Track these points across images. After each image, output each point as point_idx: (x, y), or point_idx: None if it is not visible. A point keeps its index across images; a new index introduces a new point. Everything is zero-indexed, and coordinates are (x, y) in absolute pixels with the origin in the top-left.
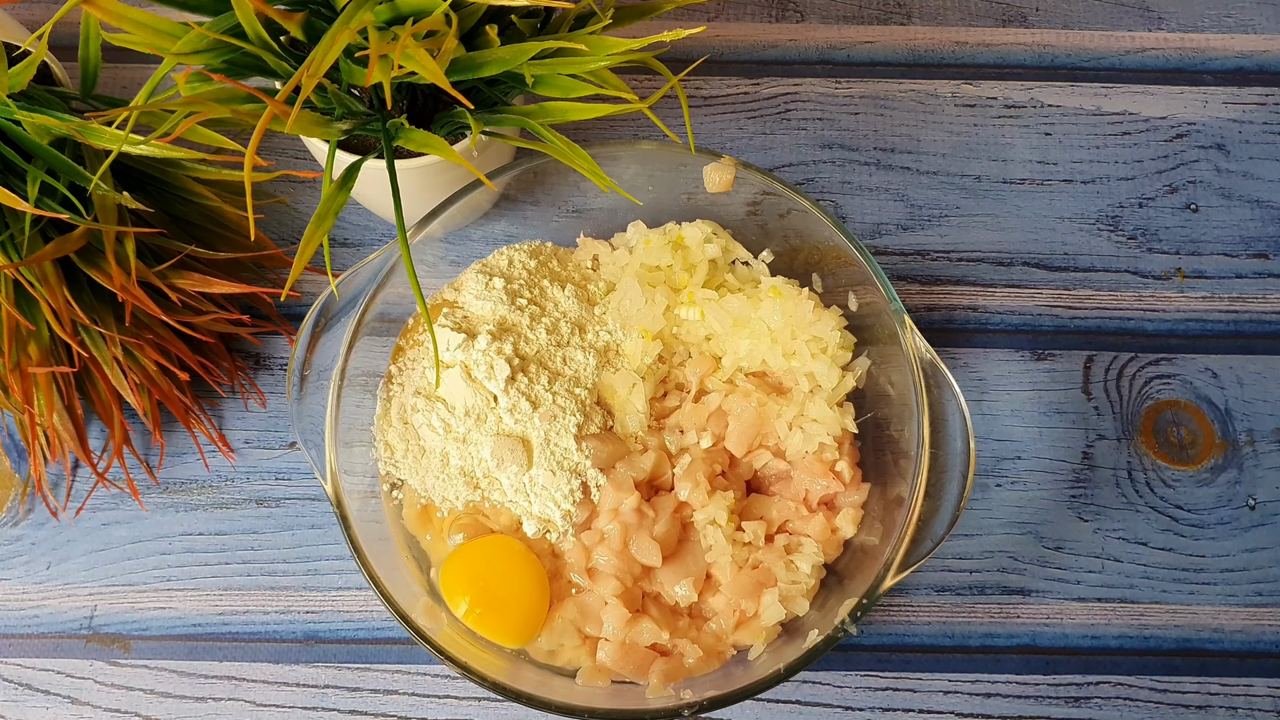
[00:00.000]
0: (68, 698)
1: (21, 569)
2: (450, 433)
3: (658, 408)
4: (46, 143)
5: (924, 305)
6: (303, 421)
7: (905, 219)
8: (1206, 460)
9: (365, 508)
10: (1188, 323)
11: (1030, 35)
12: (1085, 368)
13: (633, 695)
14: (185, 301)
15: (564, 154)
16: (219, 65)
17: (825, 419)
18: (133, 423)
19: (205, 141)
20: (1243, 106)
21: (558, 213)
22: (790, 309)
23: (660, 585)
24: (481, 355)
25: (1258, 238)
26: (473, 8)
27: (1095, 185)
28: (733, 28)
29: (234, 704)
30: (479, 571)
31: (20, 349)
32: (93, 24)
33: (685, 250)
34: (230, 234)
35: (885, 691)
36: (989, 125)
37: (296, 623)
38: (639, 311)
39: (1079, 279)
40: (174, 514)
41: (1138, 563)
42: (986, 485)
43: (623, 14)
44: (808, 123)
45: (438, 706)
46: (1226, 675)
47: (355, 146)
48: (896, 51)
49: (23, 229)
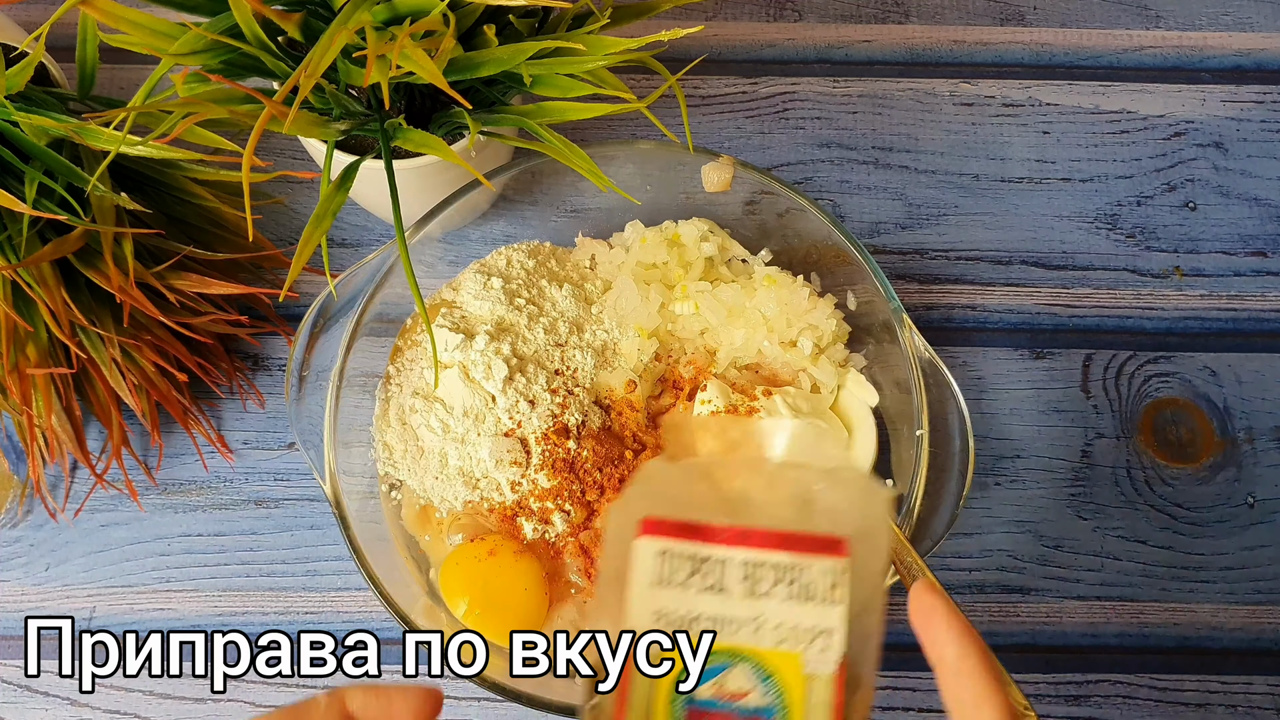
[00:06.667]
0: (67, 699)
1: (20, 570)
2: (449, 433)
3: (654, 406)
4: (44, 144)
5: (922, 304)
6: (301, 422)
7: (903, 218)
8: (1205, 458)
9: (364, 508)
10: (1186, 321)
11: (1028, 34)
12: (1084, 366)
13: None
14: (183, 302)
15: (562, 154)
16: (216, 66)
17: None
18: (131, 424)
19: (203, 142)
20: (1240, 105)
21: (556, 212)
22: (785, 297)
23: None
24: (479, 355)
25: (1256, 235)
26: (470, 8)
27: (1093, 184)
28: (730, 27)
29: (233, 704)
30: (478, 572)
31: (18, 350)
32: (90, 25)
33: (681, 248)
34: (228, 234)
35: (885, 690)
36: (987, 124)
37: (296, 623)
38: (634, 310)
39: (1077, 277)
40: (173, 515)
41: (1137, 561)
42: (985, 484)
43: (620, 13)
44: (806, 122)
45: None
46: (1226, 673)
47: (353, 147)
48: (894, 50)
49: (20, 230)
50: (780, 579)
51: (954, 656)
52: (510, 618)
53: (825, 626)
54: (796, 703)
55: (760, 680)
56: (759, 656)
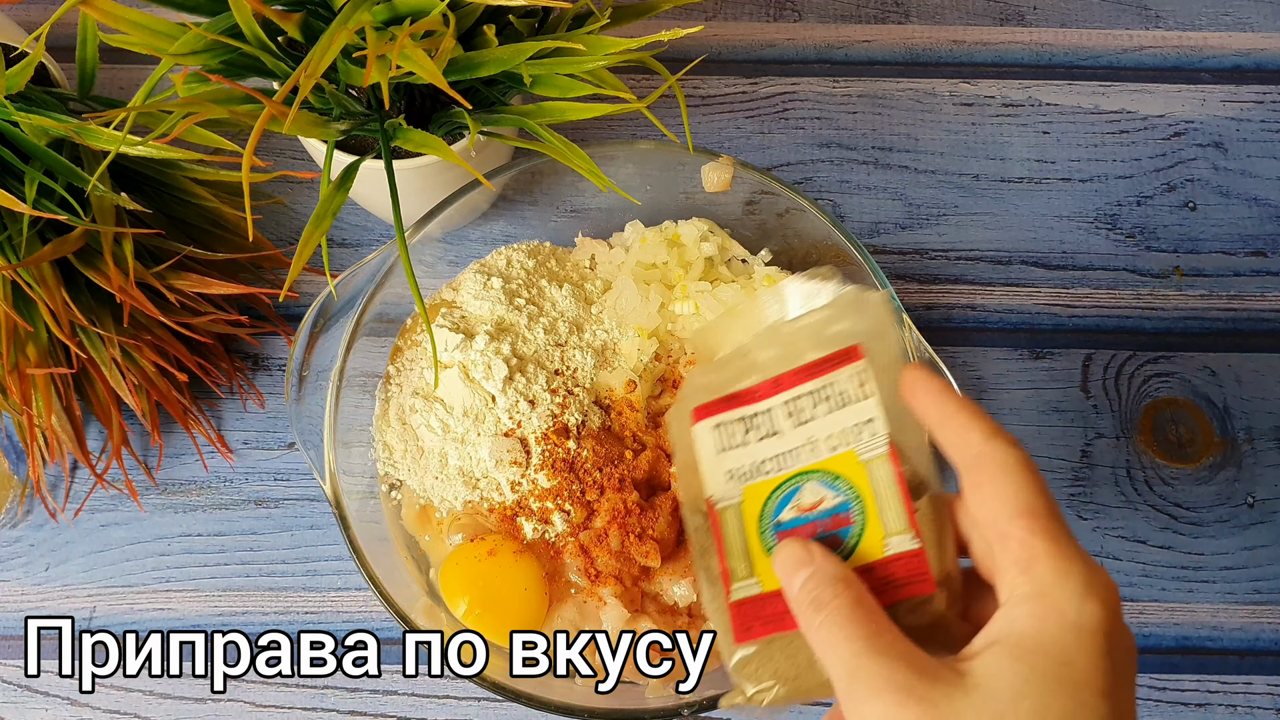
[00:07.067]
0: (67, 699)
1: (20, 570)
2: (449, 433)
3: (654, 406)
4: (44, 144)
5: (922, 304)
6: (301, 422)
7: (903, 218)
8: (1205, 458)
9: (364, 508)
10: (1186, 321)
11: (1028, 34)
12: (1084, 366)
13: (632, 695)
14: (183, 302)
15: (562, 154)
16: (216, 66)
17: None
18: (131, 424)
19: (203, 142)
20: (1240, 105)
21: (556, 213)
22: None
23: (659, 585)
24: (479, 355)
25: (1255, 236)
26: (470, 8)
27: (1093, 184)
28: (730, 27)
29: (233, 704)
30: (478, 572)
31: (18, 350)
32: (90, 25)
33: (681, 248)
34: (228, 235)
35: None
36: (987, 124)
37: (296, 623)
38: (635, 310)
39: (1077, 277)
40: (173, 515)
41: (1136, 561)
42: None
43: (620, 14)
44: (805, 122)
45: (437, 706)
46: (1225, 673)
47: (353, 147)
48: (894, 50)
49: (20, 230)
50: (818, 401)
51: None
52: (510, 618)
53: (865, 417)
54: (865, 488)
55: (828, 486)
56: (821, 468)
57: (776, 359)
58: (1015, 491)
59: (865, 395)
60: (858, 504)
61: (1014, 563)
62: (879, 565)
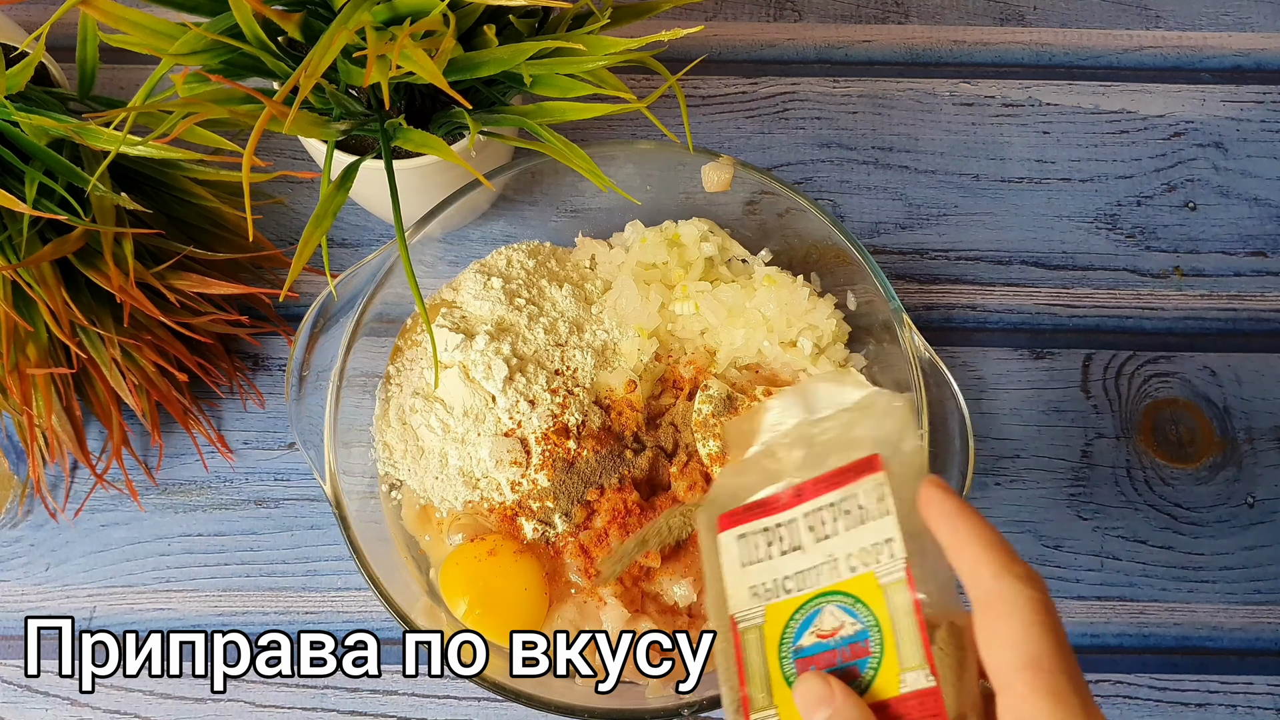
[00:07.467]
0: (67, 699)
1: (20, 570)
2: (449, 433)
3: (654, 406)
4: (44, 144)
5: (922, 304)
6: (301, 422)
7: (903, 218)
8: (1205, 458)
9: (364, 508)
10: (1186, 321)
11: (1028, 34)
12: (1084, 366)
13: (632, 695)
14: (183, 302)
15: (562, 154)
16: (217, 66)
17: None
18: (131, 424)
19: (203, 142)
20: (1240, 104)
21: (556, 213)
22: (785, 297)
23: (659, 585)
24: (479, 355)
25: (1256, 235)
26: (470, 8)
27: (1093, 184)
28: (730, 27)
29: (233, 704)
30: (478, 572)
31: (19, 350)
32: (90, 25)
33: (681, 248)
34: (228, 235)
35: None
36: (987, 124)
37: (296, 623)
38: (635, 310)
39: (1077, 277)
40: (173, 515)
41: (1137, 561)
42: (985, 484)
43: (620, 14)
44: (806, 122)
45: (437, 706)
46: (1226, 673)
47: (353, 147)
48: (894, 50)
49: (20, 230)
50: (838, 514)
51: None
52: (510, 618)
53: (884, 537)
54: (884, 616)
55: (848, 611)
56: (841, 590)
57: (801, 462)
58: (1021, 639)
59: (885, 511)
60: (876, 633)
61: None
62: (894, 703)
